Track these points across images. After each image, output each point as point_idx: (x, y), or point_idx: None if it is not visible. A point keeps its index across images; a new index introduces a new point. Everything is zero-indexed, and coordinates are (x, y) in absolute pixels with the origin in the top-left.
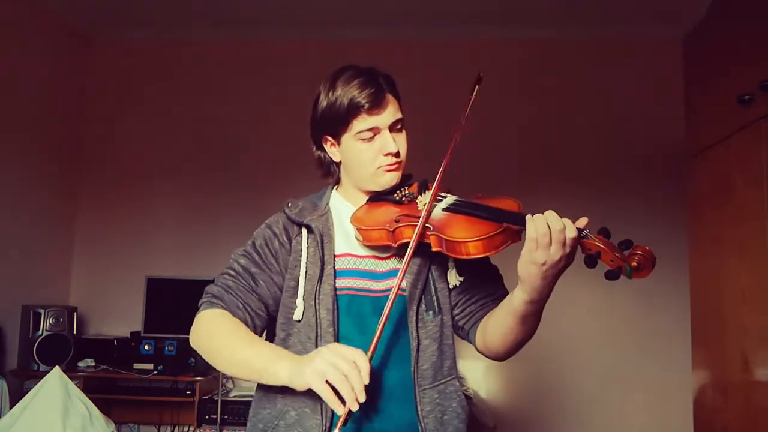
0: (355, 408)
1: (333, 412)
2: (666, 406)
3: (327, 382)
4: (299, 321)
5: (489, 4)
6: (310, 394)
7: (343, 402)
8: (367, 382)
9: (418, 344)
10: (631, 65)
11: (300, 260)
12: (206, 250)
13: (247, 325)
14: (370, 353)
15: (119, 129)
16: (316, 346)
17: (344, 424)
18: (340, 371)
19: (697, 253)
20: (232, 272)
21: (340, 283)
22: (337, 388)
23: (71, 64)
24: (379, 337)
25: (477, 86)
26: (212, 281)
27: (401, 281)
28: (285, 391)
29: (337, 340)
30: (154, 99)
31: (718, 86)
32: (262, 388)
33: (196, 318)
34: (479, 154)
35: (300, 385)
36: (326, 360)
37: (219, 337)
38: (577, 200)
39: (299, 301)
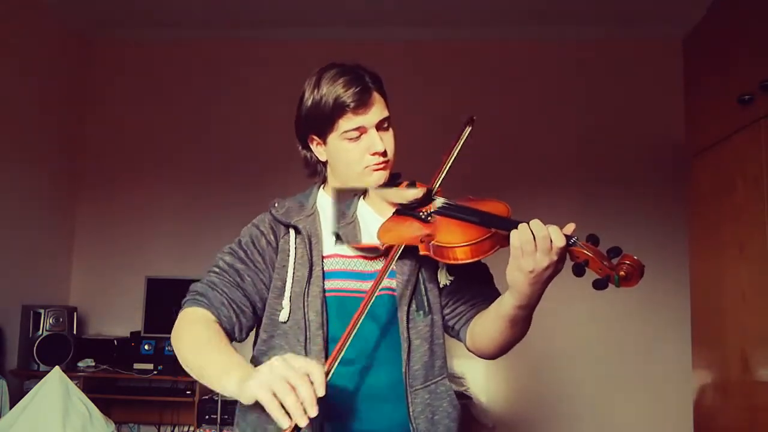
0: (302, 423)
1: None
2: (666, 406)
3: (275, 394)
4: (285, 323)
5: (486, 4)
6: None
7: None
8: (321, 394)
9: (409, 344)
10: (631, 65)
11: (288, 260)
12: (206, 250)
13: (232, 322)
14: (328, 365)
15: (119, 129)
16: (305, 349)
17: None
18: (287, 383)
19: (697, 252)
20: (217, 269)
21: (329, 284)
22: (282, 400)
23: (72, 64)
24: (343, 343)
25: (469, 128)
26: None
27: (379, 282)
28: None
29: (326, 342)
30: (155, 99)
31: (718, 86)
32: None
33: (179, 316)
34: (473, 156)
35: (246, 398)
36: (275, 371)
37: (189, 341)
38: (577, 201)
39: (285, 302)
